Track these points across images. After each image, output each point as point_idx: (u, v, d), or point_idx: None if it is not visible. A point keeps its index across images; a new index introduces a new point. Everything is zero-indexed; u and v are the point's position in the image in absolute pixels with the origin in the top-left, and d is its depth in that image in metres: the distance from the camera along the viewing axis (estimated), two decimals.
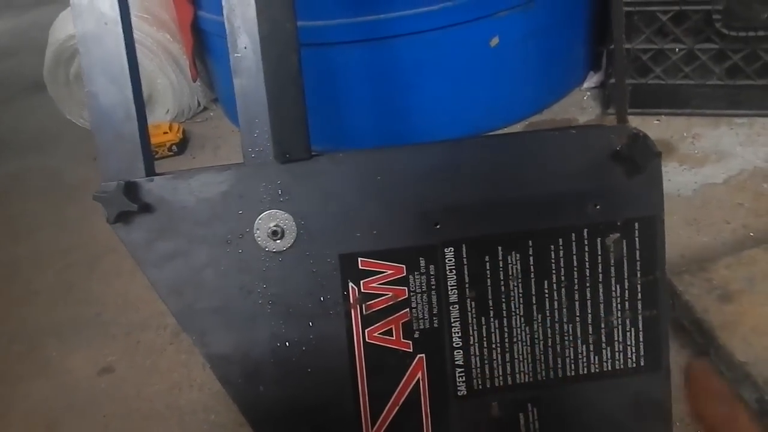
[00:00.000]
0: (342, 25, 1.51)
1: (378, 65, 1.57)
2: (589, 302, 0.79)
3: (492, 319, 0.80)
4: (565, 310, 0.80)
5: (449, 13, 1.49)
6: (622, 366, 0.81)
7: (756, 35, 1.46)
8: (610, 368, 0.81)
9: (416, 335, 0.79)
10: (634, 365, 0.81)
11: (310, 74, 0.87)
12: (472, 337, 0.80)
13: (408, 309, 0.79)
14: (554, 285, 0.79)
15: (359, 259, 0.78)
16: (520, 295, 0.79)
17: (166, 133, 1.87)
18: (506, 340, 0.80)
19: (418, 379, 0.80)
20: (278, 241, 0.77)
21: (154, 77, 1.94)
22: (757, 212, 1.31)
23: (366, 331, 0.79)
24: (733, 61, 1.52)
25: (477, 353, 0.80)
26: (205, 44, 1.90)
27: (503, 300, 0.79)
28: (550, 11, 1.63)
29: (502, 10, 1.54)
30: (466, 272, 0.78)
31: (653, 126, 1.63)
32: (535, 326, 0.80)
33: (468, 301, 0.79)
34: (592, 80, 1.83)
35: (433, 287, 0.79)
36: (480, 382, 0.81)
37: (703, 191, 1.40)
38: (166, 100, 1.99)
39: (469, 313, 0.79)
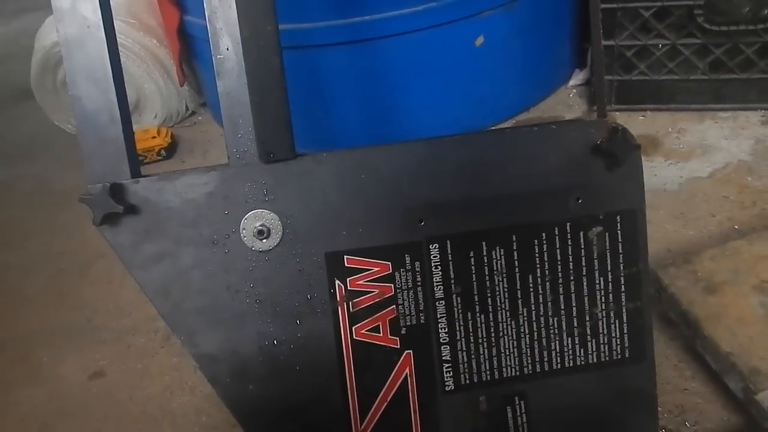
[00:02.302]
0: (328, 27, 1.52)
1: (364, 66, 1.58)
2: (573, 295, 0.80)
3: (478, 314, 0.80)
4: (549, 303, 0.80)
5: (434, 13, 1.50)
6: (607, 358, 0.82)
7: (737, 29, 1.48)
8: (595, 360, 0.82)
9: (403, 331, 0.80)
10: (619, 357, 0.82)
11: (298, 77, 0.87)
12: (458, 333, 0.81)
13: (394, 305, 0.79)
14: (538, 279, 0.80)
15: (345, 257, 0.78)
16: (505, 289, 0.80)
17: (155, 137, 1.87)
18: (492, 334, 0.81)
19: (406, 375, 0.81)
20: (264, 241, 0.77)
21: (142, 82, 1.94)
22: (742, 205, 1.33)
23: (353, 328, 0.79)
24: (716, 56, 1.54)
25: (464, 348, 0.81)
26: (191, 49, 1.90)
27: (488, 295, 0.80)
28: (534, 10, 1.64)
29: (486, 9, 1.55)
30: (451, 268, 0.79)
31: (639, 122, 1.64)
32: (521, 320, 0.81)
33: (454, 296, 0.80)
34: (578, 77, 1.85)
35: (419, 283, 0.79)
36: (467, 377, 0.81)
37: (689, 185, 1.41)
38: (154, 104, 1.99)
39: (455, 309, 0.80)
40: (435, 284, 0.79)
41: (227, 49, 0.75)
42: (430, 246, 0.79)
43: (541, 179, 0.78)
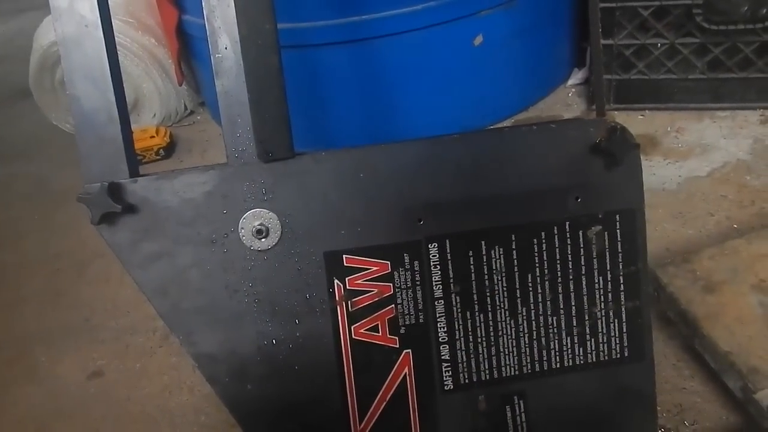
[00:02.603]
0: (326, 26, 1.52)
1: (363, 66, 1.58)
2: (572, 294, 0.80)
3: (477, 314, 0.80)
4: (548, 302, 0.80)
5: (432, 12, 1.50)
6: (606, 357, 0.82)
7: (736, 28, 1.48)
8: (594, 359, 0.82)
9: (402, 331, 0.80)
10: (618, 356, 0.82)
11: (296, 76, 0.87)
12: (457, 332, 0.80)
13: (393, 305, 0.79)
14: (538, 278, 0.80)
15: (344, 256, 0.78)
16: (504, 288, 0.80)
17: (153, 137, 1.87)
18: (491, 333, 0.81)
19: (405, 375, 0.80)
20: (263, 240, 0.77)
21: (140, 82, 1.94)
22: (740, 204, 1.33)
23: (352, 327, 0.79)
24: (715, 55, 1.54)
25: (463, 347, 0.81)
26: (190, 48, 1.90)
27: (488, 294, 0.80)
28: (533, 9, 1.64)
29: (484, 9, 1.55)
30: (450, 267, 0.79)
31: (638, 121, 1.64)
32: (520, 319, 0.81)
33: (453, 295, 0.80)
34: (577, 77, 1.84)
35: (418, 283, 0.79)
36: (466, 376, 0.81)
37: (688, 184, 1.41)
38: (153, 104, 1.99)
39: (455, 308, 0.80)
40: (434, 283, 0.79)
41: (226, 48, 0.75)
42: (429, 245, 0.79)
43: (540, 178, 0.78)
